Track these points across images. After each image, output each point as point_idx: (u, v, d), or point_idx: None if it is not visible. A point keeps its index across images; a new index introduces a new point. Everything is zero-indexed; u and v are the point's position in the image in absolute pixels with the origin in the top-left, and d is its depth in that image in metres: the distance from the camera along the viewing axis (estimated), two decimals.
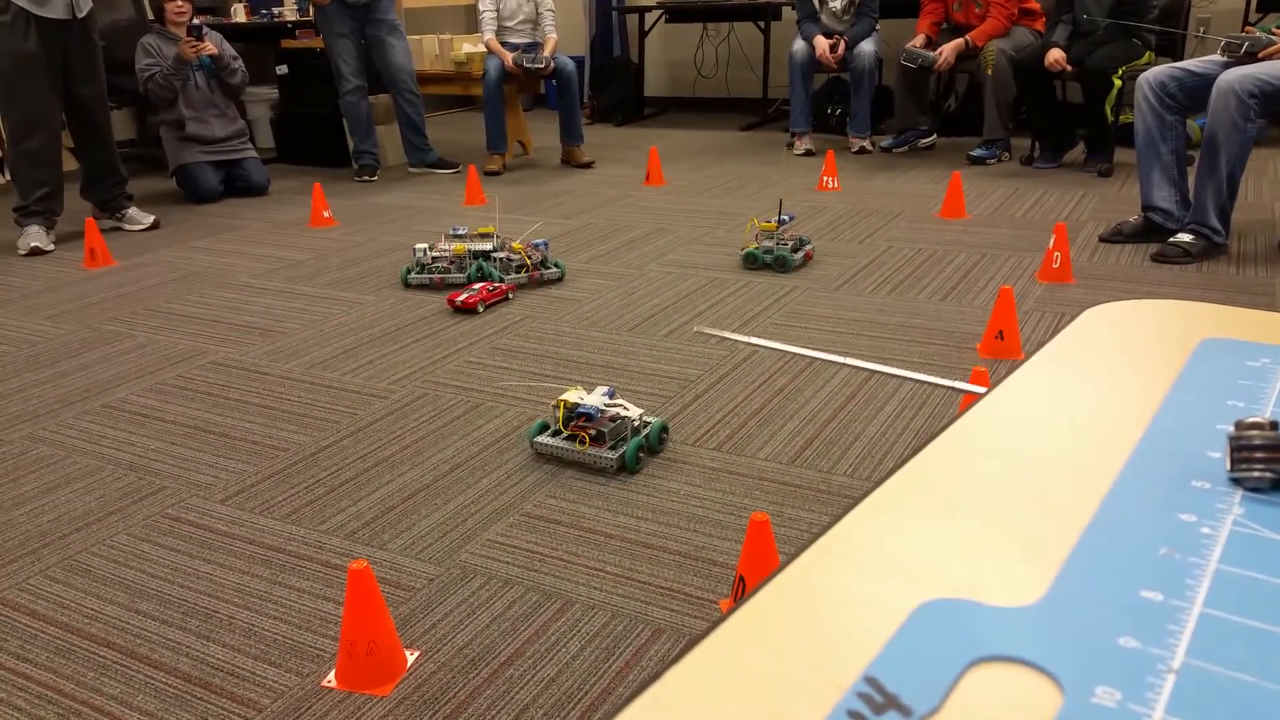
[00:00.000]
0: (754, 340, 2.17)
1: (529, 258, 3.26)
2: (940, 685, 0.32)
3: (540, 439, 2.04)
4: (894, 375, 2.25)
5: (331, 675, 1.42)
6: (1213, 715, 0.30)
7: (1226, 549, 0.38)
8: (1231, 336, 0.60)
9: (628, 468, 1.97)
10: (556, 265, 3.29)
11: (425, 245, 3.31)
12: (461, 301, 2.96)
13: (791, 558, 0.40)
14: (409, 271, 3.31)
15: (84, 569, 1.72)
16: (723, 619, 0.36)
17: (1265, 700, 0.30)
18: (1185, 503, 0.42)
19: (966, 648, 0.33)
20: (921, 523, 0.42)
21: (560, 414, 2.02)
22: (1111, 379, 0.55)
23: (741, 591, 1.54)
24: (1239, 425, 0.43)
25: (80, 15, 3.86)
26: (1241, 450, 0.43)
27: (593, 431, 1.99)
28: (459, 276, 3.26)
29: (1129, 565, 0.38)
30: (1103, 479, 0.44)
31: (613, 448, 2.00)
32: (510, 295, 3.09)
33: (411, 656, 1.45)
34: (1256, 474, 0.43)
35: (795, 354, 2.41)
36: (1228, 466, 0.44)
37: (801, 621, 0.36)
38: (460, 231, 3.39)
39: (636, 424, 2.01)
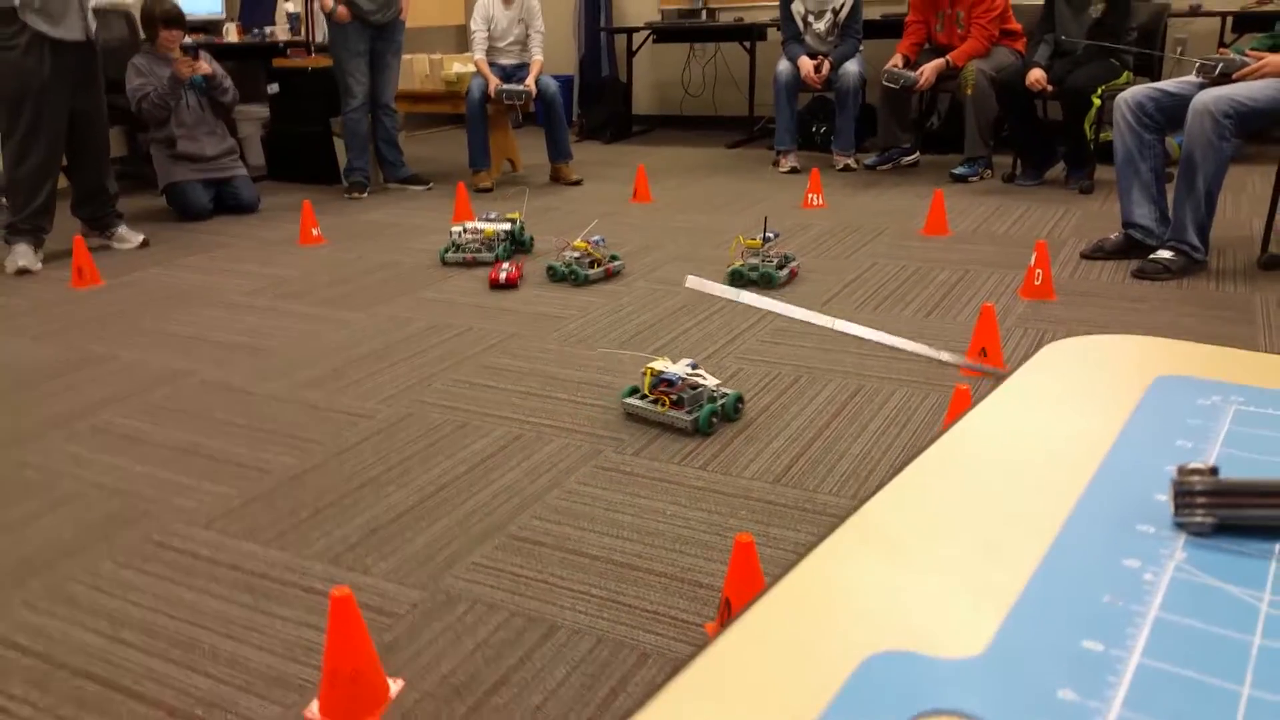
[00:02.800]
0: (742, 297, 2.29)
1: (596, 253, 3.54)
2: None
3: (629, 400, 2.31)
4: (889, 345, 2.31)
5: (314, 705, 1.42)
6: None
7: (1167, 596, 0.40)
8: (1186, 373, 0.61)
9: (700, 430, 2.21)
10: (615, 258, 3.61)
11: (460, 227, 3.81)
12: (505, 278, 3.37)
13: (746, 607, 0.41)
14: (445, 251, 3.81)
15: (68, 598, 1.72)
16: (674, 673, 0.38)
17: None
18: (1130, 547, 0.43)
19: (911, 701, 0.34)
20: (874, 568, 0.43)
21: (647, 380, 2.28)
22: (1066, 418, 0.56)
23: (728, 614, 1.55)
24: (1181, 471, 0.45)
25: (92, 38, 3.88)
26: (1184, 495, 0.44)
27: (674, 396, 2.24)
28: (488, 255, 3.75)
29: (1072, 613, 0.39)
30: (1052, 522, 0.46)
31: (689, 412, 2.23)
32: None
33: (395, 686, 1.45)
34: (1199, 519, 0.44)
35: (786, 317, 2.48)
36: (1171, 511, 0.45)
37: (755, 674, 0.37)
38: (492, 216, 3.90)
39: (713, 392, 2.26)
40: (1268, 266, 3.28)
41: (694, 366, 2.29)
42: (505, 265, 3.45)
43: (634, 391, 2.34)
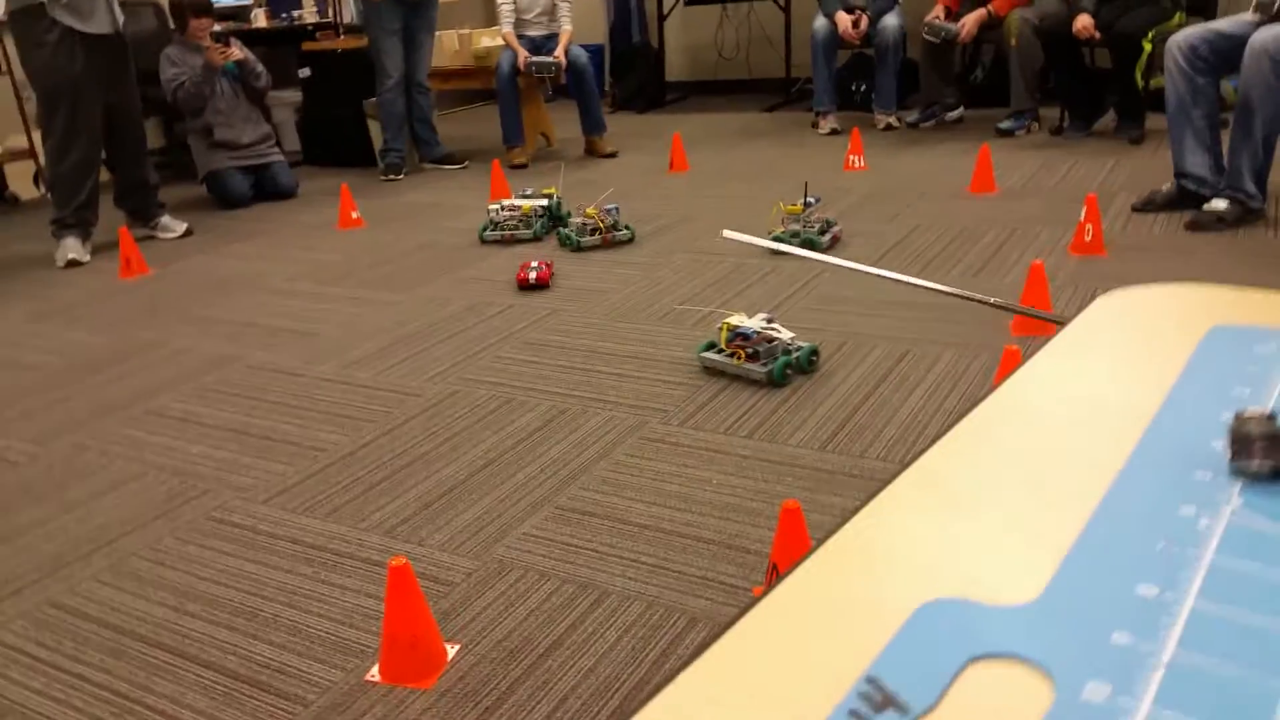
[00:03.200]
0: (781, 247, 2.38)
1: (602, 221, 3.59)
2: (937, 683, 0.33)
3: (707, 354, 2.40)
4: (943, 291, 2.31)
5: (375, 669, 1.46)
6: (1199, 707, 0.31)
7: (1222, 542, 0.39)
8: (1243, 321, 0.60)
9: (775, 381, 2.27)
10: (627, 228, 3.64)
11: (498, 205, 3.81)
12: (535, 278, 3.11)
13: (799, 561, 0.41)
14: (484, 229, 3.81)
15: (132, 573, 1.77)
16: (729, 624, 0.38)
17: (1250, 691, 0.31)
18: (1186, 494, 0.43)
19: (964, 647, 0.34)
20: (928, 520, 0.43)
21: (724, 334, 2.34)
22: (1120, 369, 0.55)
23: (775, 579, 1.56)
24: (1238, 417, 0.44)
25: (121, 31, 3.94)
26: (1240, 442, 0.44)
27: (749, 350, 2.31)
28: (526, 233, 3.75)
29: (1127, 560, 0.38)
30: (1108, 471, 0.45)
31: (764, 364, 2.29)
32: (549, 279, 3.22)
33: (452, 650, 1.48)
34: (1255, 465, 0.43)
35: (837, 269, 2.55)
36: (1228, 458, 0.44)
37: (808, 625, 0.37)
38: (528, 193, 3.90)
39: (788, 345, 2.32)
40: None
41: (770, 320, 2.36)
42: (534, 264, 3.17)
43: (711, 346, 2.42)
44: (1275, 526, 0.40)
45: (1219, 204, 3.16)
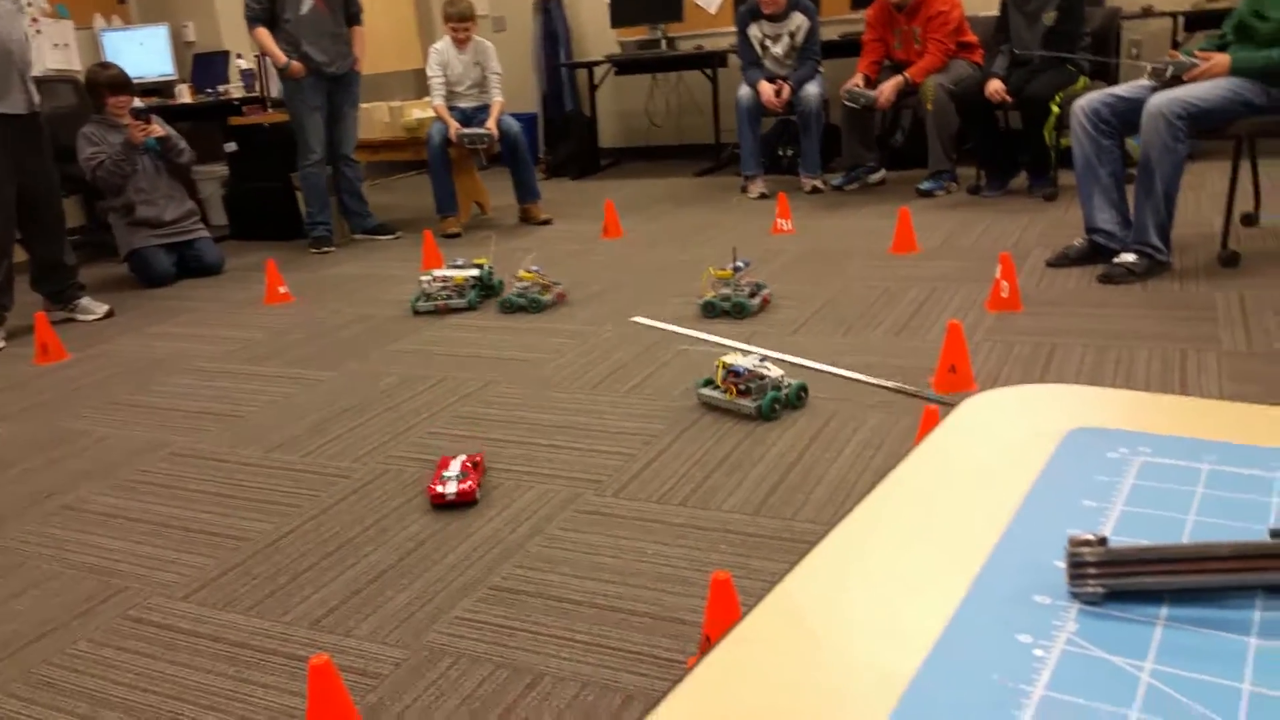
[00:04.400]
0: (690, 334, 2.51)
1: (546, 281, 3.70)
2: None
3: (703, 390, 2.58)
4: (836, 375, 2.42)
5: None
6: None
7: (1055, 672, 0.40)
8: (1102, 422, 0.62)
9: (764, 415, 2.44)
10: (557, 283, 3.80)
11: (429, 275, 3.82)
12: (456, 494, 2.14)
13: (649, 708, 0.41)
14: (416, 300, 3.81)
15: (45, 682, 1.69)
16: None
17: None
18: (1024, 621, 0.44)
19: None
20: (778, 661, 0.43)
21: (719, 372, 2.54)
22: (978, 481, 0.57)
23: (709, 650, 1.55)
24: (1073, 542, 0.45)
25: (37, 108, 3.88)
26: (1076, 566, 0.45)
27: (740, 386, 2.49)
28: (460, 302, 3.76)
29: (961, 697, 0.39)
30: (953, 597, 0.46)
31: (754, 400, 2.46)
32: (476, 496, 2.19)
33: None
34: (1090, 589, 0.45)
35: (731, 348, 2.63)
36: (1066, 581, 0.46)
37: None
38: (460, 263, 3.91)
39: (778, 382, 2.48)
40: (1228, 263, 3.32)
41: (762, 360, 2.54)
42: (451, 473, 2.19)
43: (709, 383, 2.60)
44: (1104, 654, 0.41)
45: (1128, 257, 3.29)
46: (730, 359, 2.55)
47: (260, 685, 1.61)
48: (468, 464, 2.22)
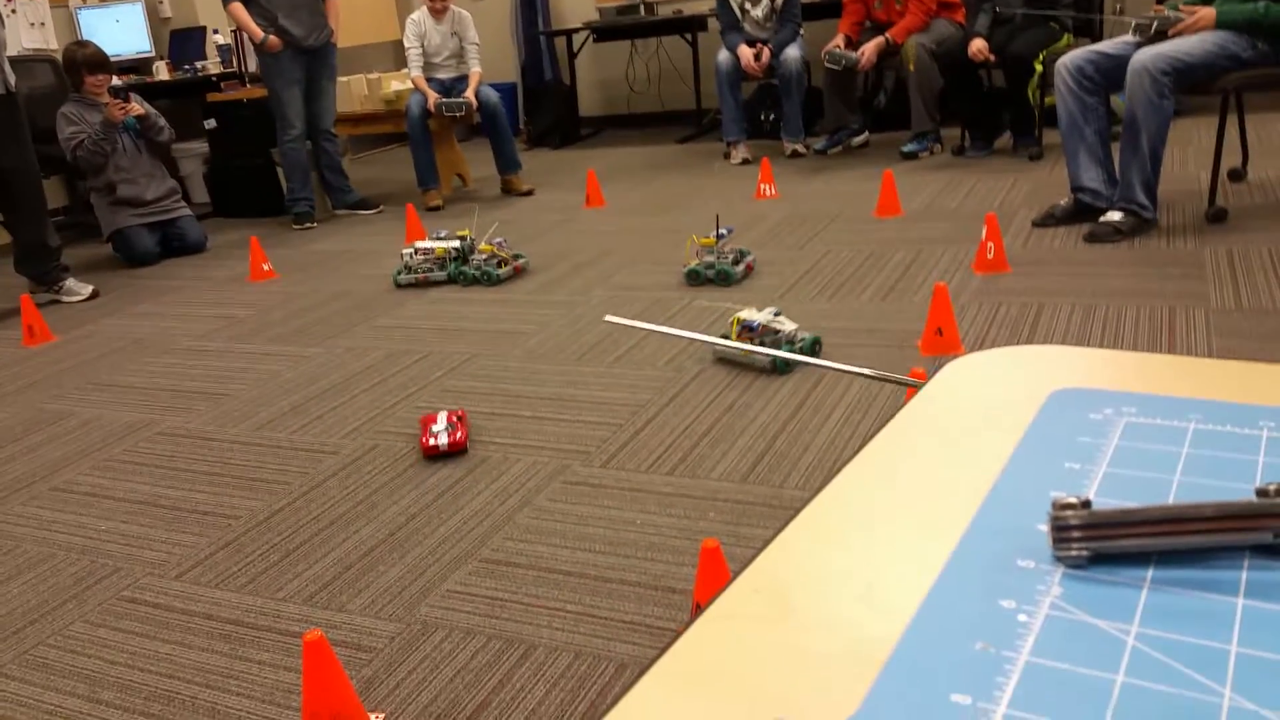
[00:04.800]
0: (661, 329, 2.56)
1: (505, 254, 3.72)
2: None
3: (719, 343, 2.60)
4: (812, 364, 2.44)
5: None
6: None
7: (1039, 638, 0.40)
8: (1085, 382, 0.61)
9: (778, 369, 2.50)
10: (519, 256, 3.81)
11: (411, 248, 3.82)
12: (448, 443, 2.25)
13: (634, 678, 0.41)
14: (398, 273, 3.81)
15: (41, 663, 1.69)
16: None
17: None
18: (1007, 586, 0.43)
19: None
20: (759, 629, 0.43)
21: (734, 327, 2.61)
22: (959, 445, 0.56)
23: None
24: (1055, 505, 0.45)
25: (12, 90, 3.81)
26: (1059, 530, 0.45)
27: (756, 340, 2.56)
28: (440, 275, 3.76)
29: (943, 666, 0.39)
30: (935, 563, 0.46)
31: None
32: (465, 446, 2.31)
33: None
34: (1074, 553, 0.44)
35: (709, 344, 2.68)
36: (1050, 545, 0.45)
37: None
38: (442, 235, 3.88)
39: (791, 335, 2.57)
40: (1215, 219, 3.32)
41: (776, 314, 2.61)
42: (440, 426, 2.29)
43: (724, 337, 2.65)
44: (1089, 618, 0.41)
45: (1115, 215, 3.29)
46: (744, 314, 2.61)
47: (255, 662, 1.62)
48: (452, 418, 2.35)
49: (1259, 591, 0.41)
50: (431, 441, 2.26)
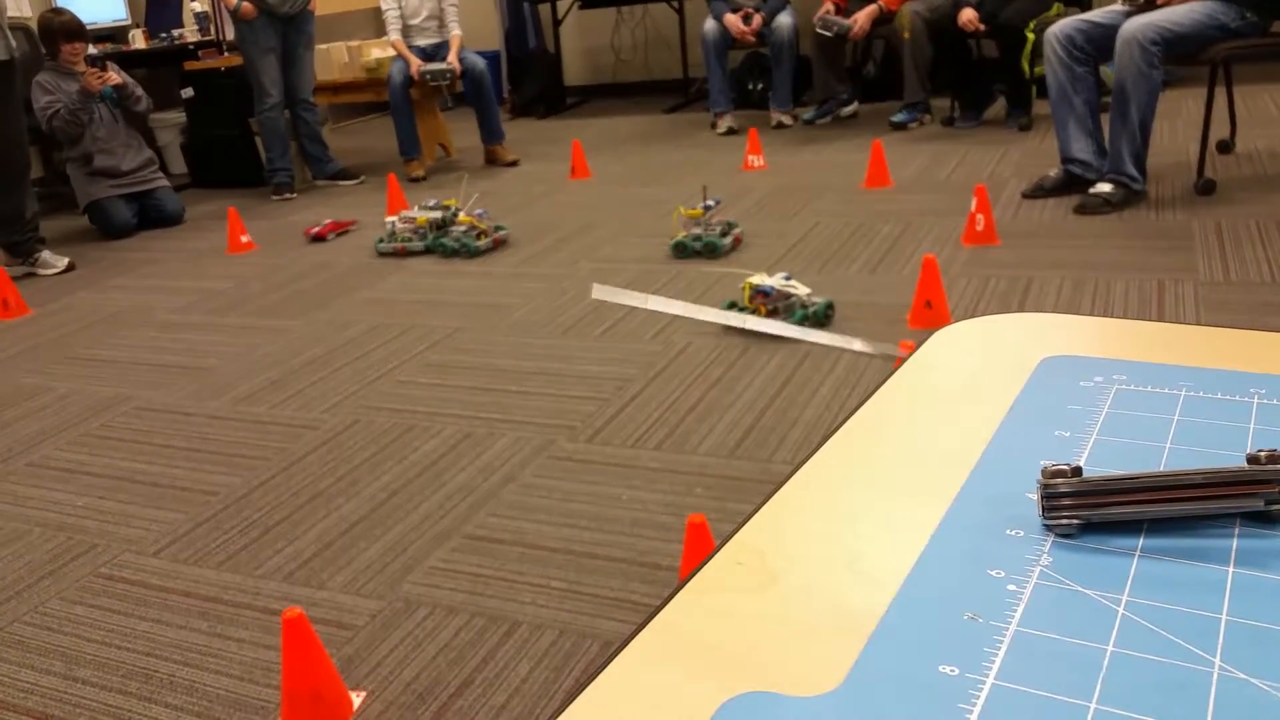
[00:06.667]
0: (649, 303, 2.55)
1: (484, 224, 3.70)
2: None
3: (729, 311, 2.63)
4: (792, 339, 2.43)
5: None
6: None
7: (1028, 608, 0.39)
8: (1076, 350, 0.60)
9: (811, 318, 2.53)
10: (500, 228, 3.79)
11: (396, 217, 3.81)
12: (315, 234, 3.64)
13: (616, 650, 0.39)
14: (379, 241, 3.82)
15: (16, 640, 1.67)
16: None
17: None
18: (996, 556, 0.43)
19: None
20: (742, 601, 0.42)
21: (746, 292, 2.61)
22: (949, 412, 0.55)
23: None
24: (1045, 473, 0.44)
25: (14, 56, 3.73)
26: (1049, 498, 0.44)
27: (770, 306, 2.57)
28: (419, 245, 3.72)
29: (931, 636, 0.38)
30: (923, 532, 0.45)
31: (783, 319, 2.53)
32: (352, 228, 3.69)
33: (358, 699, 1.43)
34: (1064, 521, 0.43)
35: (697, 319, 2.68)
36: (1039, 513, 0.44)
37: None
38: (430, 204, 3.84)
39: (805, 300, 2.56)
40: (1204, 191, 3.31)
41: (788, 278, 2.61)
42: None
43: (732, 305, 2.65)
44: (1079, 587, 0.40)
45: (1104, 187, 3.27)
46: (757, 279, 2.61)
47: (234, 640, 1.60)
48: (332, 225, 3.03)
49: (1250, 560, 0.41)
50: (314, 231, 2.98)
